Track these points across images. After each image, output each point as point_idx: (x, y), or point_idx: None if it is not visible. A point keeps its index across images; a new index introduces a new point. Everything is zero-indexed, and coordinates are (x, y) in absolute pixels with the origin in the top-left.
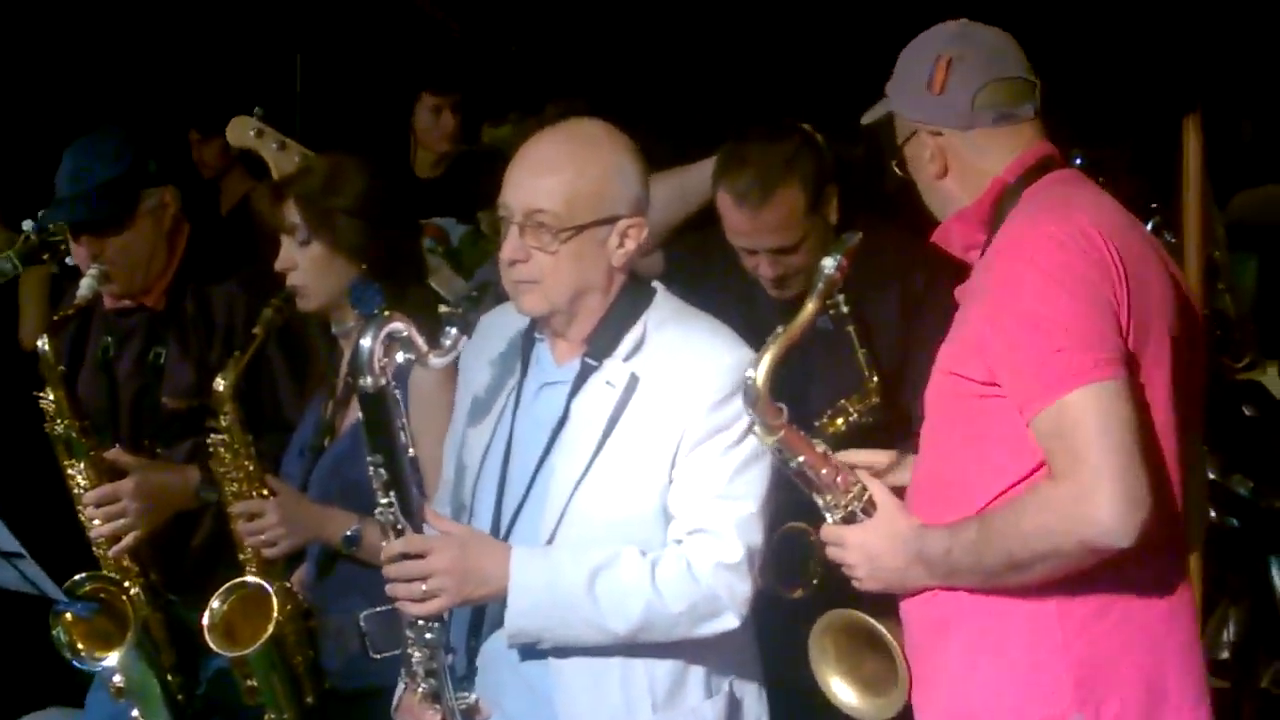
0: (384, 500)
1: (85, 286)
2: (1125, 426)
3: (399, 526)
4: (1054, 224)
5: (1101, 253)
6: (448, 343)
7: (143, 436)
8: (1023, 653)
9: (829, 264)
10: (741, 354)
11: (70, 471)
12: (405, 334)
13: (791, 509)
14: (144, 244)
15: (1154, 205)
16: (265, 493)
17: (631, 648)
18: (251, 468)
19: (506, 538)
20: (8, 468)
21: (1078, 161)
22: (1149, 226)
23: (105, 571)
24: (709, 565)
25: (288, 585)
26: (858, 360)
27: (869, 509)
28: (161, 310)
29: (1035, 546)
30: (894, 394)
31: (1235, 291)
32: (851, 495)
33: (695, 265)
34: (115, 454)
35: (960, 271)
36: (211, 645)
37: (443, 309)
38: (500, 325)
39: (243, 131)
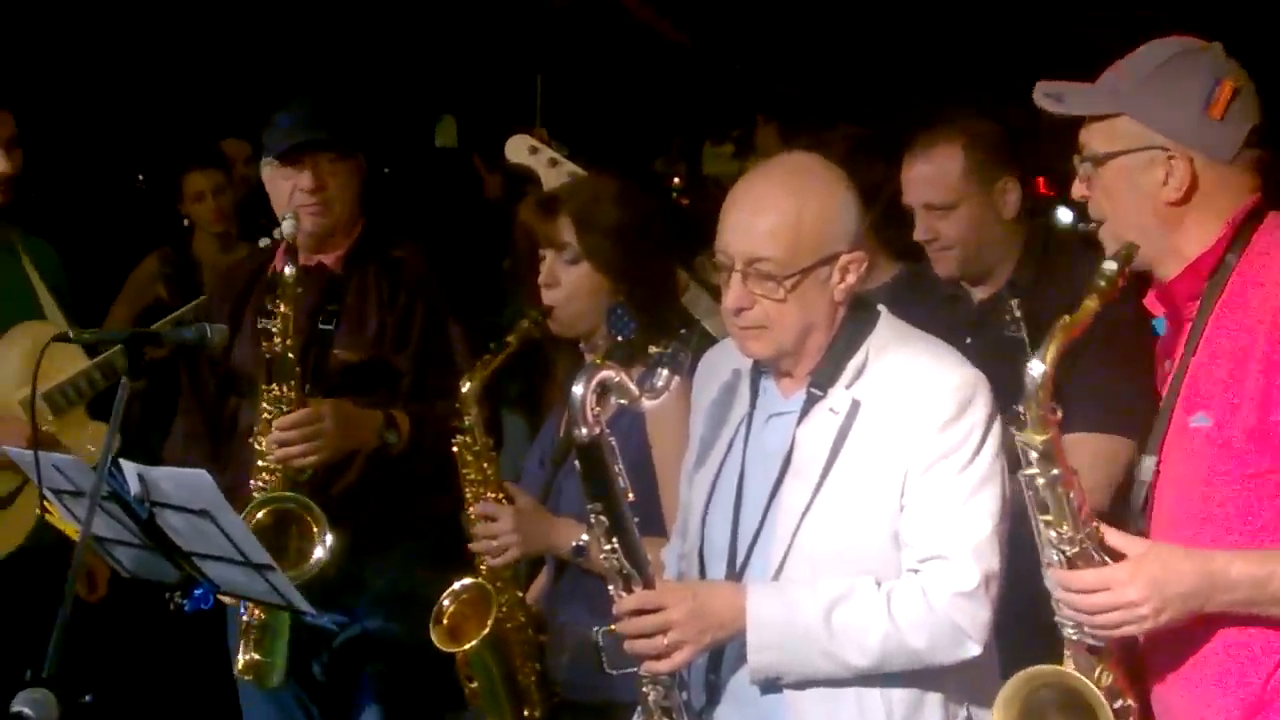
0: (607, 547)
1: (288, 226)
2: None
3: (625, 572)
4: None
5: None
6: (659, 383)
7: (310, 389)
8: None
9: (1110, 265)
10: (966, 373)
11: (268, 395)
12: (617, 380)
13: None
14: (345, 193)
15: None
16: (502, 498)
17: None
18: (490, 471)
19: (743, 569)
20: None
21: None
22: None
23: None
24: (946, 595)
25: (520, 596)
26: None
27: (1100, 552)
28: (339, 273)
29: None
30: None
31: None
32: (1086, 533)
33: (904, 295)
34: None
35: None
36: (435, 641)
37: (653, 349)
38: (728, 358)
39: (519, 148)
